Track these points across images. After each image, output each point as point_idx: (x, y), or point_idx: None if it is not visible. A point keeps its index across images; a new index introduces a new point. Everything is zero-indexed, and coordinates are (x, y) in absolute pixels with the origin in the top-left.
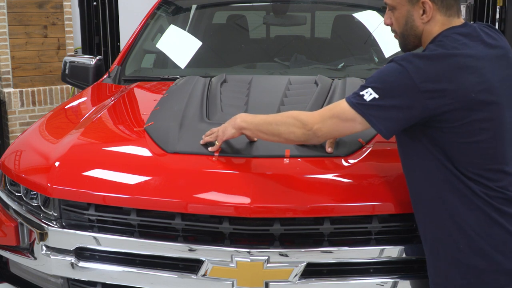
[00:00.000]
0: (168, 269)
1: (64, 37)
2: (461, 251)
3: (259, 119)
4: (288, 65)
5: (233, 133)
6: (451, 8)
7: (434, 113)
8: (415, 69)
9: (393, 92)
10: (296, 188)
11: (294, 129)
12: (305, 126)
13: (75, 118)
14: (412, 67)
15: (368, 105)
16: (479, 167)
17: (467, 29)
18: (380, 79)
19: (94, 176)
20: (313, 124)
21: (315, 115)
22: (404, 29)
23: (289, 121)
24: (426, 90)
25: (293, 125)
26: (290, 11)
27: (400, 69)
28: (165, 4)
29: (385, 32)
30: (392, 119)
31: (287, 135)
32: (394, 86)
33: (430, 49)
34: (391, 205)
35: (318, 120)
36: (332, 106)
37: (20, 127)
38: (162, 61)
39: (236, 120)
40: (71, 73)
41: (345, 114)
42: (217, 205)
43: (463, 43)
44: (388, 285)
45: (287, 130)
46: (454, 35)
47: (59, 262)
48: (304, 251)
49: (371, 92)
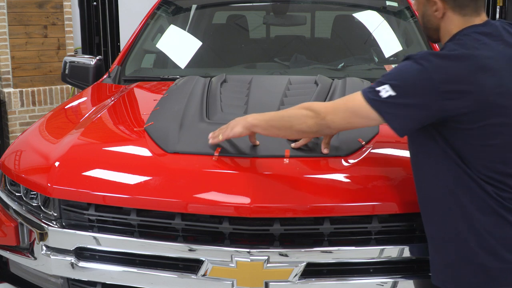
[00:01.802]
0: (168, 269)
1: (64, 37)
2: (472, 249)
3: (271, 115)
4: (288, 65)
5: (240, 132)
6: (465, 7)
7: (451, 114)
8: (435, 68)
9: (411, 91)
10: (296, 188)
11: (307, 119)
12: (318, 115)
13: (75, 118)
14: (432, 67)
15: (384, 102)
16: (493, 170)
17: (488, 28)
18: (398, 76)
19: (94, 176)
20: (326, 114)
21: (328, 105)
22: (423, 21)
23: (301, 112)
24: (445, 91)
25: (305, 115)
26: (290, 11)
27: (419, 68)
28: (165, 4)
29: (385, 32)
30: (407, 118)
31: (299, 126)
32: (412, 85)
33: (450, 48)
34: (391, 205)
35: (331, 111)
36: (347, 99)
37: (20, 127)
38: (162, 61)
39: (247, 119)
40: (71, 73)
41: (360, 108)
42: (217, 205)
43: (484, 43)
44: (388, 285)
45: (299, 121)
46: (474, 34)
47: (59, 262)
48: (304, 251)
49: (388, 88)
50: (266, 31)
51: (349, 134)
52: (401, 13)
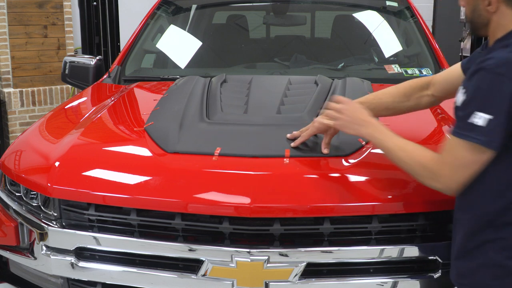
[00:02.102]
0: (168, 269)
1: (64, 37)
2: (498, 253)
3: (386, 145)
4: (288, 65)
5: (350, 134)
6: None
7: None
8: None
9: (503, 106)
10: (296, 188)
11: (426, 180)
12: (438, 181)
13: (75, 118)
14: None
15: (487, 131)
16: None
17: None
18: (483, 97)
19: (94, 176)
20: (446, 178)
21: (444, 166)
22: (472, 16)
23: (419, 169)
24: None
25: (423, 176)
26: (290, 11)
27: (500, 79)
28: (165, 4)
29: (385, 32)
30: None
31: (415, 177)
32: (501, 99)
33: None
34: (391, 205)
35: (449, 172)
36: (454, 150)
37: (20, 127)
38: (162, 61)
39: (362, 130)
40: (71, 73)
41: (470, 153)
42: (217, 205)
43: None
44: (388, 285)
45: (417, 177)
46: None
47: (59, 262)
48: (304, 251)
49: (482, 115)
50: (266, 31)
51: (349, 134)
52: (401, 13)
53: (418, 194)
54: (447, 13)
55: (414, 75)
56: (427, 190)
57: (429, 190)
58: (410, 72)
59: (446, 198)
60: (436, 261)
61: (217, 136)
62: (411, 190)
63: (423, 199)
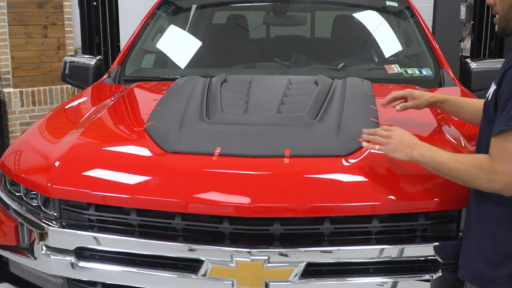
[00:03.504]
0: (168, 269)
1: (64, 37)
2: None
3: (439, 160)
4: (288, 65)
5: (402, 159)
6: None
7: None
8: None
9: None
10: (296, 188)
11: (482, 183)
12: (494, 180)
13: (75, 118)
14: None
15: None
16: None
17: None
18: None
19: (94, 176)
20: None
21: (496, 163)
22: (507, 12)
23: (473, 172)
24: None
25: (479, 178)
26: (290, 11)
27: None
28: (165, 4)
29: (385, 32)
30: None
31: (472, 184)
32: None
33: None
34: (391, 205)
35: (503, 168)
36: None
37: (20, 127)
38: (162, 61)
39: (413, 152)
40: (71, 73)
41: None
42: (217, 205)
43: None
44: (388, 285)
45: (473, 183)
46: None
47: (59, 262)
48: (304, 251)
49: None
50: (266, 31)
51: (349, 134)
52: (401, 13)
53: (418, 194)
54: (447, 13)
55: (414, 75)
56: (427, 190)
57: (429, 190)
58: (410, 72)
59: (446, 198)
60: (436, 261)
61: (217, 136)
62: (411, 190)
63: (423, 199)
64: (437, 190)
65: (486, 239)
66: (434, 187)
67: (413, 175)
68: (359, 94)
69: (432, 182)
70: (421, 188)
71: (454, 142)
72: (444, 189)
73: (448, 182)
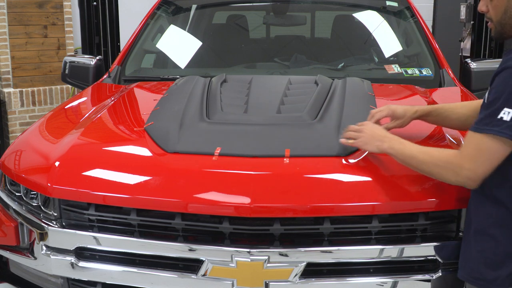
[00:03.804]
0: (168, 269)
1: (64, 37)
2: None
3: (408, 152)
4: (288, 65)
5: (373, 151)
6: None
7: None
8: None
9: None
10: (296, 188)
11: (447, 175)
12: (459, 174)
13: (75, 118)
14: None
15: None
16: None
17: None
18: (509, 94)
19: (94, 176)
20: (468, 169)
21: (465, 159)
22: (503, 17)
23: (440, 165)
24: None
25: (445, 170)
26: (290, 11)
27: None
28: (165, 4)
29: (385, 32)
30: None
31: (439, 177)
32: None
33: None
34: (391, 205)
35: (470, 165)
36: (473, 143)
37: (20, 127)
38: (162, 61)
39: (384, 144)
40: (71, 73)
41: (492, 146)
42: (217, 205)
43: None
44: (388, 285)
45: (439, 175)
46: None
47: (59, 262)
48: (304, 251)
49: (508, 110)
50: (266, 31)
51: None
52: (401, 13)
53: (418, 194)
54: (447, 13)
55: (414, 75)
56: (427, 190)
57: (429, 190)
58: (410, 72)
59: (446, 198)
60: (436, 261)
61: (217, 136)
62: (411, 190)
63: (423, 199)
64: (437, 190)
65: (485, 240)
66: (434, 187)
67: (413, 175)
68: (359, 94)
69: (432, 182)
70: (421, 188)
71: (454, 142)
72: (444, 189)
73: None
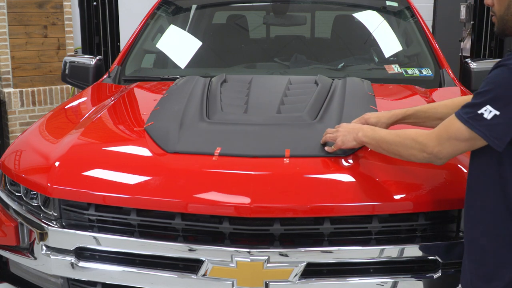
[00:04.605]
0: (168, 269)
1: (64, 37)
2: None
3: (379, 136)
4: (288, 65)
5: (354, 144)
6: None
7: None
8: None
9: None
10: (296, 188)
11: (414, 152)
12: (425, 149)
13: (75, 118)
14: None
15: (490, 126)
16: None
17: None
18: (497, 92)
19: (94, 176)
20: (433, 148)
21: (432, 137)
22: (505, 13)
23: (408, 143)
24: None
25: (412, 147)
26: (290, 11)
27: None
28: (165, 4)
29: (385, 32)
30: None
31: (407, 157)
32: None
33: None
34: (391, 205)
35: (437, 143)
36: (447, 127)
37: (20, 127)
38: (162, 61)
39: (358, 133)
40: (71, 73)
41: (463, 135)
42: (217, 205)
43: None
44: (388, 285)
45: (407, 152)
46: None
47: (59, 262)
48: (304, 251)
49: (491, 109)
50: (266, 31)
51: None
52: (401, 13)
53: (418, 194)
54: (447, 13)
55: (414, 75)
56: (427, 190)
57: (429, 190)
58: (410, 72)
59: (446, 198)
60: (436, 261)
61: (217, 136)
62: (411, 190)
63: (423, 199)
64: (437, 190)
65: (474, 250)
66: (434, 187)
67: (413, 175)
68: (359, 94)
69: (432, 182)
70: (421, 188)
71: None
72: (444, 189)
73: (448, 182)
